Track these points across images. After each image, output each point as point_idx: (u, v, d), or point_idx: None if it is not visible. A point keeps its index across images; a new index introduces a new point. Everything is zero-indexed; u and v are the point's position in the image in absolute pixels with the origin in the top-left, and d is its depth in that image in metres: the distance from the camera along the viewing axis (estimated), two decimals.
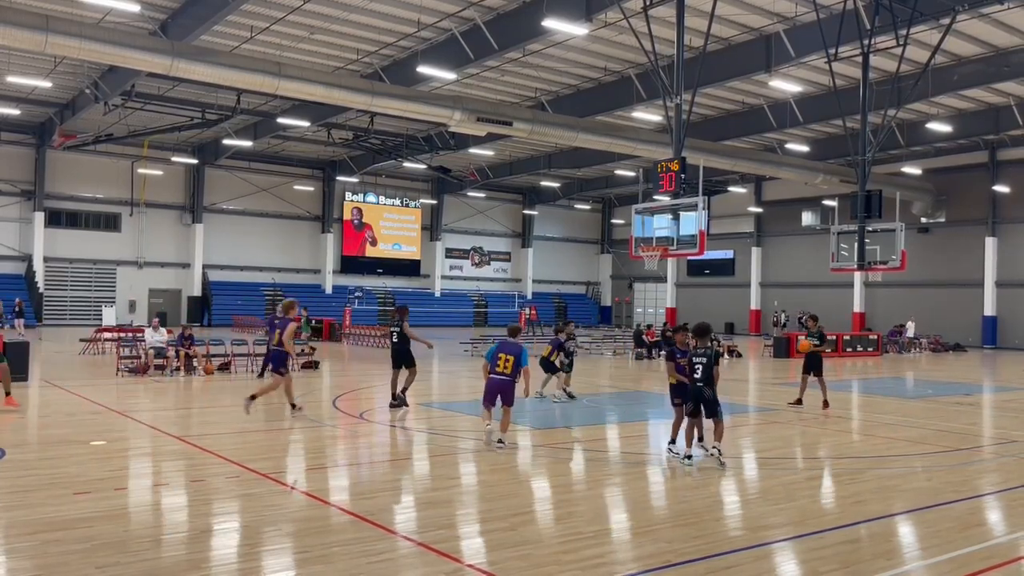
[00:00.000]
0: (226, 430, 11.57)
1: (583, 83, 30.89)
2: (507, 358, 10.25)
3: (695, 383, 9.39)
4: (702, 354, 9.42)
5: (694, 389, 9.41)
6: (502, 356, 10.29)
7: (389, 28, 25.60)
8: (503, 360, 10.25)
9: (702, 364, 9.35)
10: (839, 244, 25.91)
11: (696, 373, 9.35)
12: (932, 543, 6.74)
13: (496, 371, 10.26)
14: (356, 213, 50.94)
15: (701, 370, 9.33)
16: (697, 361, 9.38)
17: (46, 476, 8.40)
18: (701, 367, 9.34)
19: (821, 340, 15.34)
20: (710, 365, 9.34)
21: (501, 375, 10.22)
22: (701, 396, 9.36)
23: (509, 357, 10.25)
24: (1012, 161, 38.21)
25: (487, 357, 10.48)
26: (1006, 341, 38.52)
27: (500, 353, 10.33)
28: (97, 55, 21.17)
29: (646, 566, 5.94)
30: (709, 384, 9.36)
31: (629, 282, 58.35)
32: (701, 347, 9.51)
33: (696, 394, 9.39)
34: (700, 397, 9.37)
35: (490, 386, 10.28)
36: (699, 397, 9.37)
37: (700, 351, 9.45)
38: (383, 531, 6.67)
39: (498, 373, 10.24)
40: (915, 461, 10.30)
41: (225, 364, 19.64)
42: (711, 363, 9.35)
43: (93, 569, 5.59)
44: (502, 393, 10.25)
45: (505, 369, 10.21)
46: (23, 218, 40.68)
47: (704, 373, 9.33)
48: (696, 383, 9.37)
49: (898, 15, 21.71)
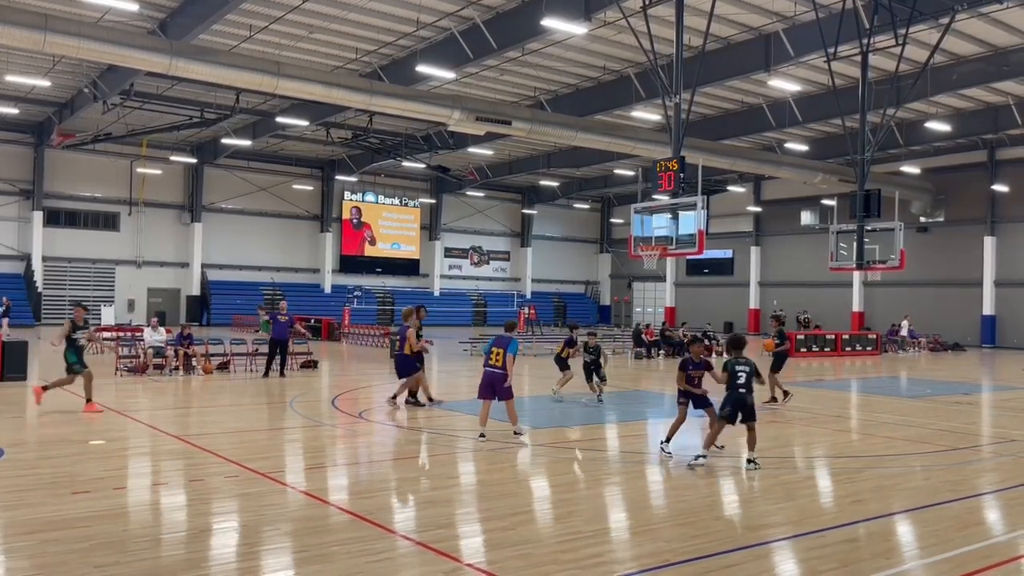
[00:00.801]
0: (225, 429, 11.57)
1: (582, 82, 30.88)
2: (498, 351, 10.71)
3: (738, 389, 9.47)
4: (744, 363, 9.54)
5: (738, 396, 9.48)
6: (495, 350, 10.78)
7: (388, 27, 25.59)
8: (495, 353, 10.74)
9: (745, 372, 9.49)
10: (838, 243, 25.91)
11: (739, 379, 9.45)
12: (931, 542, 6.74)
13: (489, 364, 10.74)
14: (355, 212, 50.92)
15: (745, 378, 9.47)
16: (740, 370, 9.49)
17: (45, 476, 8.40)
18: (744, 375, 9.47)
19: (782, 340, 15.39)
20: (751, 374, 9.52)
21: (493, 368, 10.68)
22: (744, 403, 9.46)
23: (500, 351, 10.69)
24: (1011, 160, 38.21)
25: (484, 352, 11.07)
26: (1005, 340, 38.54)
27: (493, 347, 10.85)
28: (96, 54, 21.14)
29: (645, 565, 5.95)
30: (751, 391, 9.52)
31: (628, 281, 58.35)
32: (741, 357, 9.62)
33: (739, 401, 9.46)
34: (743, 404, 9.46)
35: (483, 379, 10.78)
36: (742, 403, 9.46)
37: (742, 360, 9.57)
38: (382, 530, 6.67)
39: (490, 366, 10.71)
40: (914, 460, 10.31)
41: (224, 364, 19.63)
42: (753, 372, 9.54)
43: (92, 568, 5.59)
44: (495, 385, 10.65)
45: (496, 362, 10.66)
46: (22, 217, 40.64)
47: (747, 380, 9.47)
48: (739, 389, 9.46)
49: (897, 14, 21.70)
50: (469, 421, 12.67)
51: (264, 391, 16.13)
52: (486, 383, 10.76)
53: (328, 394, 16.04)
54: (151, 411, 13.36)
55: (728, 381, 9.51)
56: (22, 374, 16.69)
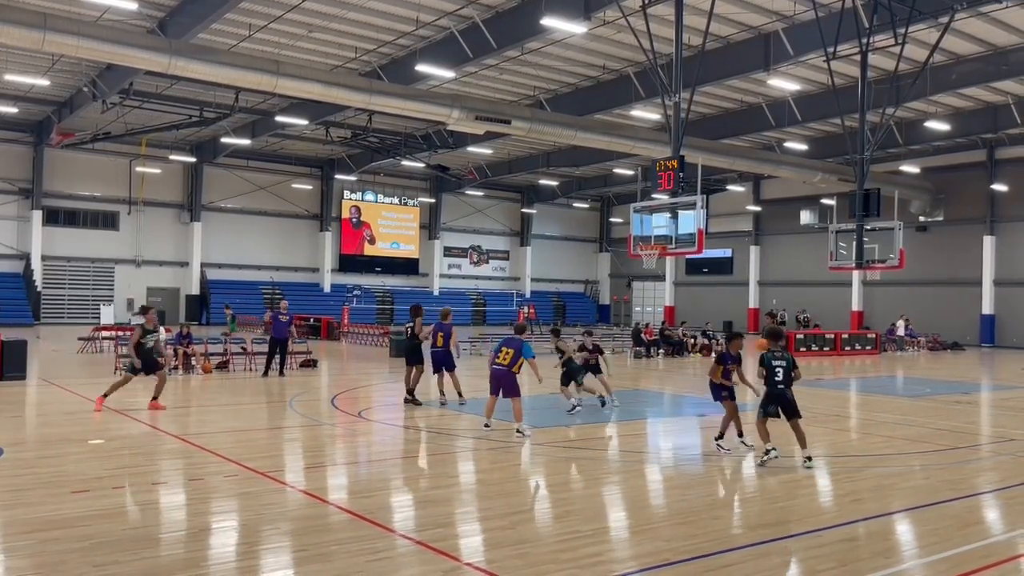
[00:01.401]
0: (224, 428, 11.56)
1: (582, 81, 30.87)
2: (507, 351, 11.26)
3: (776, 386, 9.45)
4: (780, 357, 9.48)
5: (776, 392, 9.46)
6: (503, 349, 11.34)
7: (388, 26, 25.58)
8: (503, 353, 11.28)
9: (782, 368, 9.44)
10: (837, 243, 25.93)
11: (777, 376, 9.42)
12: (930, 541, 6.75)
13: (496, 362, 11.31)
14: (354, 211, 50.91)
15: (782, 373, 9.42)
16: (777, 365, 9.44)
17: (44, 475, 8.40)
18: (782, 370, 9.43)
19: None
20: (790, 368, 9.47)
21: (500, 366, 11.23)
22: (784, 399, 9.44)
23: (509, 350, 11.24)
24: (1010, 160, 38.22)
25: (495, 352, 11.57)
26: (1004, 340, 38.55)
27: (502, 347, 11.40)
28: (95, 53, 21.13)
29: (644, 564, 5.95)
30: (789, 386, 9.49)
31: (627, 281, 58.35)
32: (778, 350, 9.57)
33: (778, 396, 9.45)
34: (783, 399, 9.44)
35: (491, 375, 11.36)
36: (781, 399, 9.44)
37: (778, 354, 9.51)
38: (381, 529, 6.67)
39: (498, 364, 11.27)
40: (913, 460, 10.31)
41: (223, 363, 19.63)
42: (791, 366, 9.48)
43: (91, 568, 5.59)
44: (503, 383, 11.17)
45: (504, 360, 11.20)
46: (21, 216, 40.62)
47: (785, 376, 9.44)
48: (778, 386, 9.44)
49: (897, 14, 21.70)
50: (469, 420, 12.70)
51: (263, 390, 16.13)
52: (493, 379, 11.32)
53: (327, 393, 16.04)
54: (150, 410, 13.34)
55: (766, 377, 9.48)
56: (22, 373, 16.69)
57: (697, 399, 16.08)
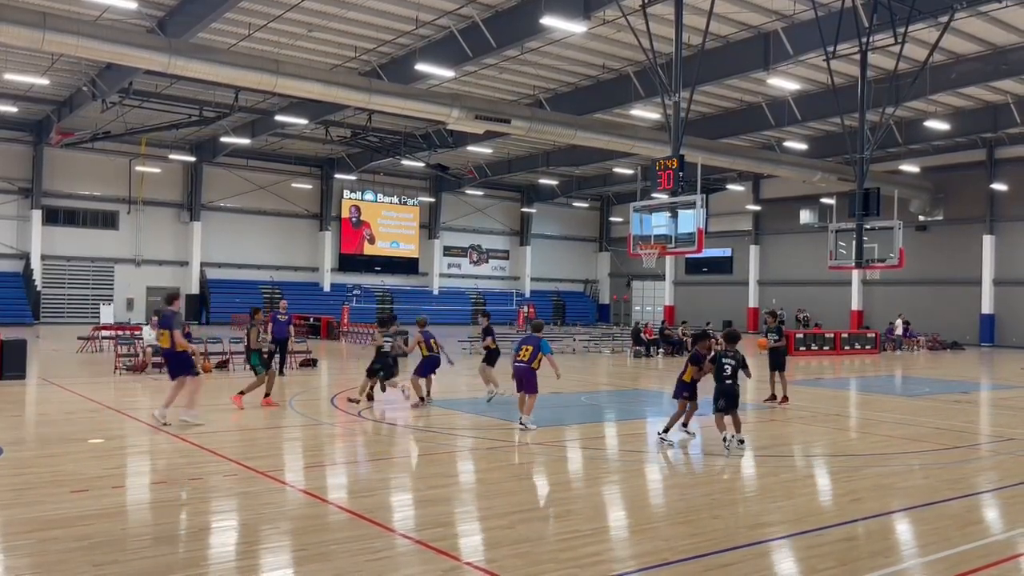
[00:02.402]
0: (224, 428, 11.56)
1: (581, 81, 30.86)
2: (527, 348, 11.68)
3: (724, 381, 10.25)
4: (731, 356, 10.32)
5: (724, 387, 10.24)
6: (523, 347, 11.77)
7: (387, 26, 25.57)
8: (523, 350, 11.71)
9: (731, 365, 10.28)
10: (837, 242, 25.91)
11: (725, 371, 10.25)
12: (929, 541, 6.75)
13: (517, 359, 11.75)
14: (354, 211, 50.90)
15: (730, 370, 10.26)
16: (726, 362, 10.29)
17: (44, 474, 8.40)
18: (730, 367, 10.27)
19: (780, 335, 15.23)
20: (739, 366, 10.29)
21: (520, 362, 11.68)
22: (729, 393, 10.22)
23: (528, 347, 11.66)
24: (1010, 159, 38.22)
25: (515, 350, 12.06)
26: (1004, 339, 38.56)
27: (522, 345, 11.84)
28: (94, 52, 21.13)
29: (644, 564, 5.95)
30: (736, 381, 10.30)
31: (627, 280, 58.35)
32: (731, 351, 10.38)
33: (726, 391, 10.22)
34: (729, 393, 10.21)
35: (514, 373, 11.81)
36: (728, 393, 10.21)
37: (730, 354, 10.34)
38: (381, 529, 6.67)
39: (519, 361, 11.72)
40: (912, 459, 10.31)
41: (223, 362, 19.63)
42: (740, 365, 10.30)
43: (91, 567, 5.59)
44: (522, 379, 11.60)
45: (523, 357, 11.63)
46: (21, 216, 40.61)
47: (733, 372, 10.26)
48: (725, 381, 10.23)
49: (896, 13, 21.69)
50: (469, 420, 12.71)
51: (263, 390, 16.09)
52: (516, 377, 11.77)
53: (327, 393, 16.03)
54: (150, 410, 13.32)
55: (715, 373, 10.33)
56: (21, 373, 16.69)
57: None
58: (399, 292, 51.20)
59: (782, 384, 15.03)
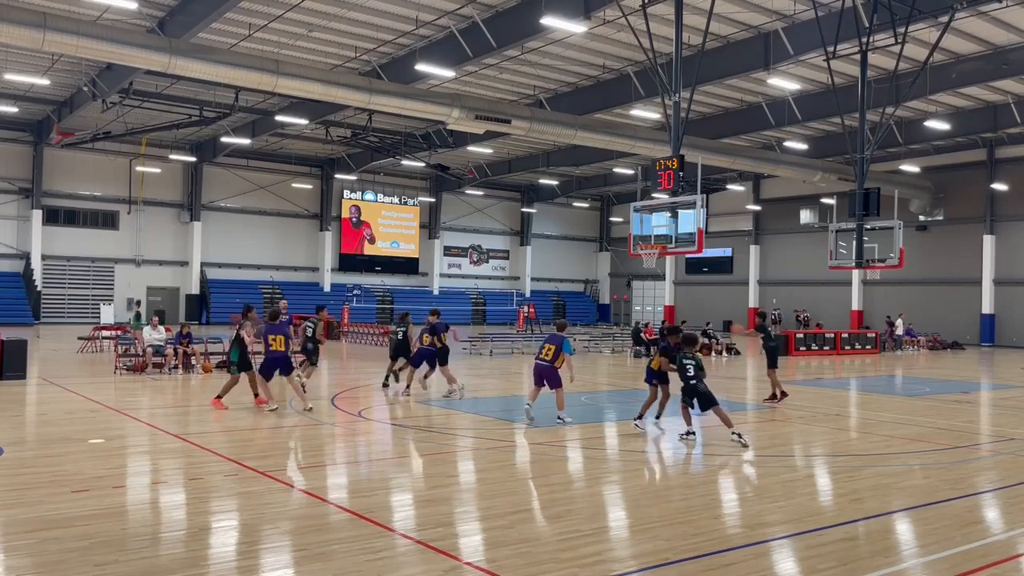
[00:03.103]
0: (224, 428, 11.56)
1: (582, 81, 30.86)
2: (549, 347, 12.02)
3: (688, 381, 10.85)
4: (691, 358, 10.92)
5: (688, 386, 10.86)
6: (546, 346, 12.12)
7: (387, 26, 25.57)
8: (546, 349, 12.07)
9: (692, 365, 10.86)
10: (837, 242, 25.89)
11: (688, 372, 10.86)
12: (930, 541, 6.75)
13: (540, 357, 12.10)
14: (354, 211, 50.90)
15: (692, 370, 10.84)
16: (687, 363, 10.89)
17: (44, 474, 8.40)
18: (692, 367, 10.85)
19: (766, 335, 15.65)
20: (698, 368, 10.83)
21: (543, 361, 12.02)
22: (696, 391, 10.77)
23: (551, 346, 11.99)
24: (1010, 159, 38.22)
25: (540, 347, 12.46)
26: (1004, 339, 38.56)
27: (545, 344, 12.17)
28: (95, 52, 21.13)
29: (644, 564, 5.95)
30: (700, 381, 10.80)
31: (627, 280, 58.35)
32: (690, 353, 10.99)
33: (691, 390, 10.82)
34: (695, 392, 10.77)
35: (535, 370, 12.19)
36: (694, 392, 10.78)
37: (690, 356, 10.94)
38: (381, 529, 6.67)
39: (541, 359, 12.06)
40: (913, 459, 10.31)
41: (223, 362, 19.60)
42: (698, 367, 10.84)
43: (91, 567, 5.59)
44: (546, 376, 11.99)
45: (546, 356, 11.99)
46: (21, 216, 40.62)
47: (695, 372, 10.82)
48: (689, 381, 10.83)
49: (897, 13, 21.69)
50: (469, 419, 12.71)
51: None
52: (537, 373, 12.13)
53: (327, 392, 16.03)
54: (150, 410, 13.35)
55: (680, 373, 10.96)
56: (22, 373, 16.69)
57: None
58: (399, 292, 51.19)
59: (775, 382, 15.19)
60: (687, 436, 10.86)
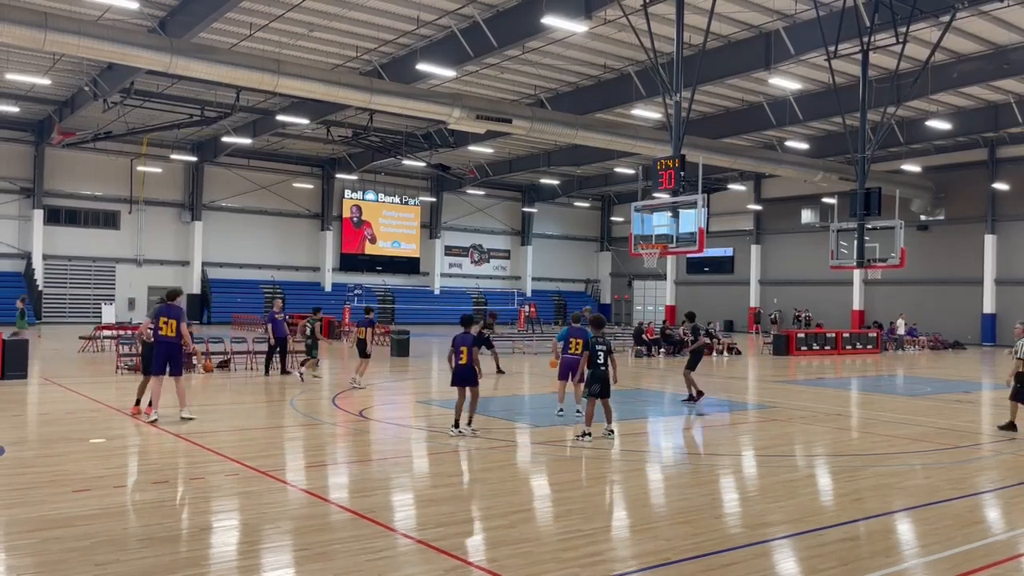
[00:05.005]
0: (225, 427, 11.56)
1: (582, 80, 30.85)
2: (577, 342, 12.19)
3: (599, 367, 10.77)
4: (602, 343, 10.87)
5: (599, 372, 10.75)
6: (572, 340, 12.36)
7: (388, 25, 25.57)
8: (574, 343, 12.29)
9: (603, 351, 10.80)
10: (838, 242, 25.90)
11: (598, 358, 10.79)
12: (931, 540, 6.74)
13: (569, 352, 12.40)
14: (355, 211, 50.91)
15: (603, 356, 10.81)
16: (599, 348, 10.82)
17: (46, 473, 8.40)
18: (603, 353, 10.80)
19: (695, 336, 15.90)
20: (608, 352, 10.80)
21: (574, 355, 12.29)
22: (604, 379, 10.76)
23: (579, 340, 12.08)
24: (1011, 159, 38.19)
25: (559, 339, 12.90)
26: (1005, 339, 38.42)
27: (571, 337, 12.41)
28: (96, 52, 21.14)
29: (645, 563, 5.95)
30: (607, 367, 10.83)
31: (628, 280, 58.34)
32: (600, 336, 10.95)
33: (600, 376, 10.74)
34: (603, 379, 10.76)
35: (565, 364, 12.52)
36: (603, 378, 10.75)
37: (600, 340, 10.88)
38: (382, 528, 6.67)
39: (571, 354, 12.35)
40: (914, 459, 10.31)
41: (224, 362, 19.63)
42: (609, 351, 10.82)
43: (92, 567, 5.60)
44: (573, 370, 12.29)
45: (576, 350, 12.19)
46: (22, 216, 40.65)
47: (605, 358, 10.79)
48: (600, 367, 10.77)
49: (898, 12, 21.69)
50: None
51: (264, 389, 16.13)
52: (567, 367, 12.49)
53: (328, 392, 16.04)
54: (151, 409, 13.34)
55: (588, 360, 10.88)
56: (23, 372, 16.70)
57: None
58: (400, 292, 51.21)
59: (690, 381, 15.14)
60: (608, 434, 10.80)
